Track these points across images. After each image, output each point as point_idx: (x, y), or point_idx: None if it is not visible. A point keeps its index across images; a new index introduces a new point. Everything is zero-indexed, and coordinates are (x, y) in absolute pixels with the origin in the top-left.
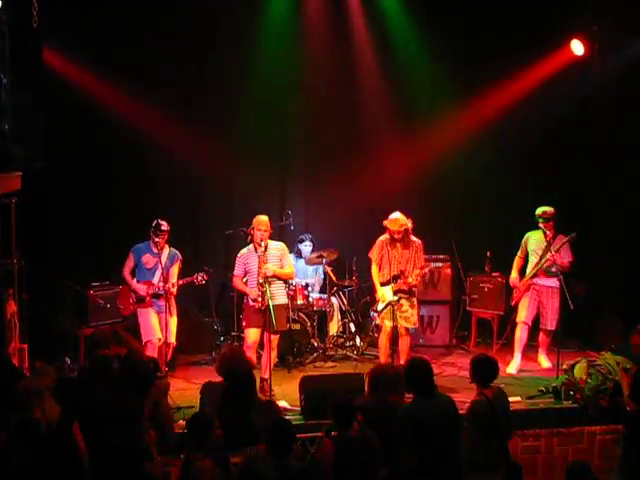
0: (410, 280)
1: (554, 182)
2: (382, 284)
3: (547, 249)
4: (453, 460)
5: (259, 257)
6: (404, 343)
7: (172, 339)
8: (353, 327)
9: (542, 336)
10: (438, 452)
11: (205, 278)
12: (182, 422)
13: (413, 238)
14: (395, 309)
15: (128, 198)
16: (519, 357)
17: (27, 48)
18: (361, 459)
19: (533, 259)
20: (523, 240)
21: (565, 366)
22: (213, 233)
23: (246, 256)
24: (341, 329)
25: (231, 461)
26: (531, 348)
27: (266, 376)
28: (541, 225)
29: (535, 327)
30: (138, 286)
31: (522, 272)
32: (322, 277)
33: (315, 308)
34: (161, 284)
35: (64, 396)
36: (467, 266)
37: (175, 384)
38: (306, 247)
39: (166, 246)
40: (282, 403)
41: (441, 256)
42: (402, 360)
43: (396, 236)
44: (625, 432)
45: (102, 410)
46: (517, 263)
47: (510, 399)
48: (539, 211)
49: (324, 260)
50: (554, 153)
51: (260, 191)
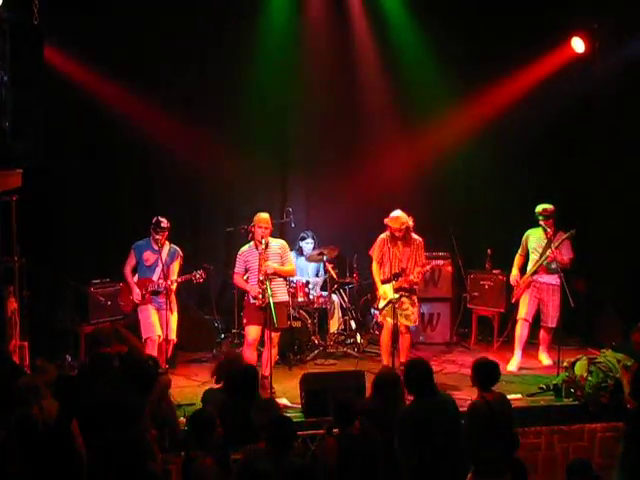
0: (411, 278)
1: (554, 179)
2: (383, 282)
3: (547, 246)
4: (455, 459)
5: (260, 255)
6: (404, 341)
7: (172, 336)
8: (354, 324)
9: (543, 334)
10: (439, 451)
11: (203, 276)
12: (183, 420)
13: (414, 236)
14: (396, 307)
15: (129, 196)
16: (519, 354)
17: (28, 46)
18: (363, 456)
19: (534, 257)
20: (523, 238)
21: (566, 363)
22: (214, 231)
23: (247, 253)
24: (342, 326)
25: (231, 458)
26: (532, 346)
27: (267, 373)
28: (541, 223)
29: (536, 325)
30: (134, 288)
31: (523, 270)
32: (323, 275)
33: (316, 305)
34: (161, 281)
35: (64, 394)
36: (468, 263)
37: (176, 381)
38: (308, 244)
39: (166, 243)
40: (283, 400)
41: (442, 253)
42: (402, 358)
43: (397, 234)
44: (626, 430)
45: (102, 408)
46: (518, 261)
47: (511, 396)
48: (539, 209)
49: (325, 257)
50: (554, 151)
51: (261, 189)
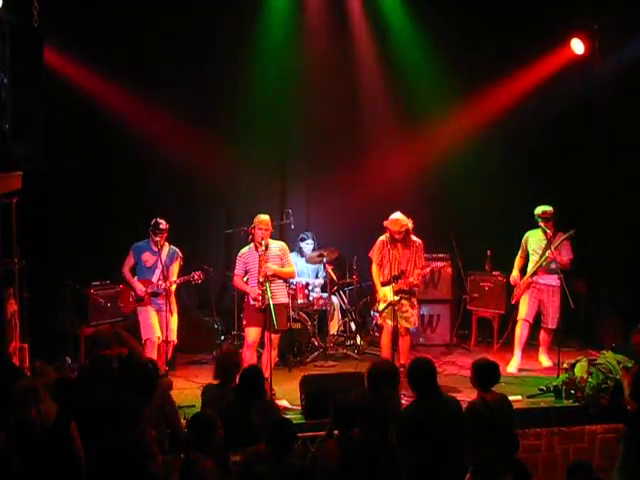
0: (411, 280)
1: (553, 181)
2: (383, 284)
3: (547, 247)
4: (455, 461)
5: (260, 256)
6: (404, 343)
7: (172, 337)
8: (354, 326)
9: (543, 335)
10: (438, 452)
11: (202, 277)
12: (183, 422)
13: (414, 238)
14: (396, 309)
15: (129, 198)
16: (519, 355)
17: (28, 48)
18: (364, 459)
19: (534, 258)
20: (523, 240)
21: (566, 365)
22: (214, 232)
23: (247, 255)
24: (342, 328)
25: (231, 460)
26: (532, 347)
27: (266, 375)
28: (541, 224)
29: (536, 326)
30: (137, 284)
31: (523, 272)
32: (323, 276)
33: (316, 307)
34: (161, 282)
35: (63, 396)
36: (467, 265)
37: (175, 383)
38: (308, 245)
39: (166, 244)
40: (283, 402)
41: (441, 255)
42: (402, 360)
43: (397, 236)
44: (626, 431)
45: (102, 410)
46: (518, 263)
47: (511, 398)
48: (538, 211)
49: (325, 259)
50: (554, 152)
51: (260, 190)
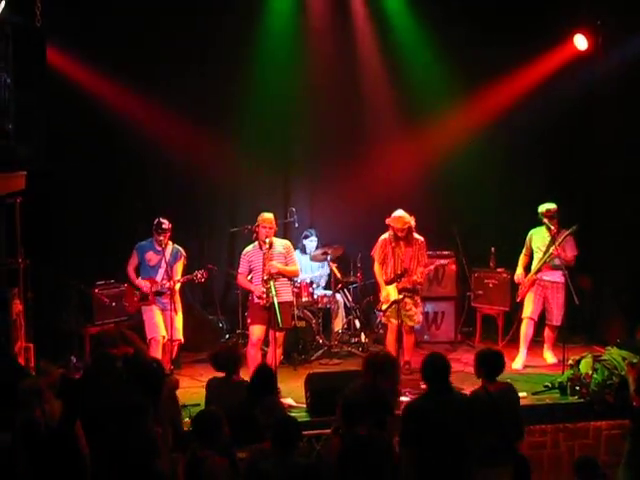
0: (414, 278)
1: (557, 178)
2: (386, 282)
3: (551, 243)
4: (461, 458)
5: (264, 255)
6: (409, 340)
7: (178, 336)
8: (358, 324)
9: (548, 332)
10: (444, 449)
11: (205, 275)
12: (188, 420)
13: (416, 236)
14: (400, 307)
15: (131, 198)
16: (525, 353)
17: (30, 48)
18: (367, 457)
19: (538, 256)
20: (527, 238)
21: (571, 361)
22: (217, 231)
23: (251, 254)
24: (346, 326)
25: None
26: (537, 344)
27: None
28: (545, 222)
29: (541, 323)
30: (141, 282)
31: (527, 269)
32: (327, 274)
33: (320, 305)
34: (164, 281)
35: (67, 395)
36: (472, 262)
37: (181, 382)
38: (311, 242)
39: (169, 243)
40: (288, 400)
41: (445, 252)
42: (407, 357)
43: (400, 234)
44: (632, 427)
45: (107, 409)
46: (522, 261)
47: None
48: (542, 209)
49: (329, 257)
50: (557, 149)
51: (264, 189)
